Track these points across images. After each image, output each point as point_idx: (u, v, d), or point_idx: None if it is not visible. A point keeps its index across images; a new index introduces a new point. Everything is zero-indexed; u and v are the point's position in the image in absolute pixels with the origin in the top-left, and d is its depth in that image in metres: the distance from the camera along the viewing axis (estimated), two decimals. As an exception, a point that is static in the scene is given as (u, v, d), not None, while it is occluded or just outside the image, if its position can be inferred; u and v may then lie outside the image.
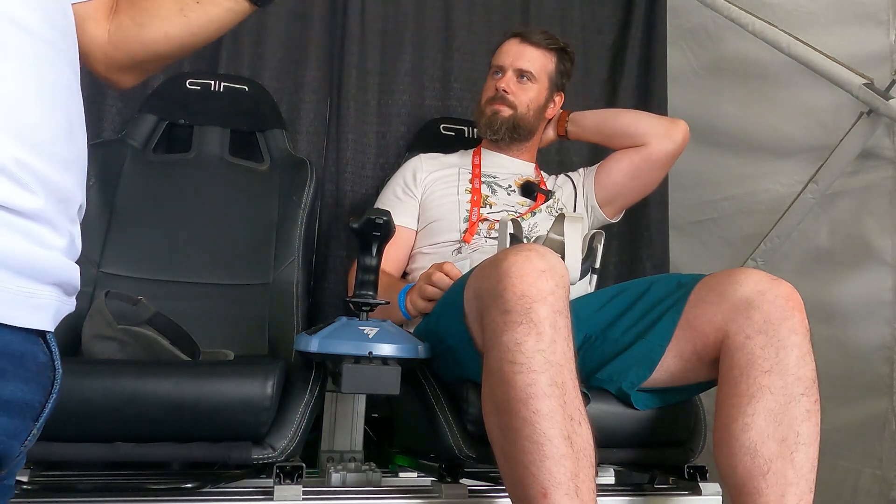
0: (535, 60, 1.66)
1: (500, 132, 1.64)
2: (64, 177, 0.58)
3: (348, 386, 1.00)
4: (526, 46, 1.67)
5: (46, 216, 0.55)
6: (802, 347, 1.03)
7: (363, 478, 1.32)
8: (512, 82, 1.64)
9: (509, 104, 1.64)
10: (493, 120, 1.64)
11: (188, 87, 1.76)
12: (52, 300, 0.57)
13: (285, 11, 1.98)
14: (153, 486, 1.06)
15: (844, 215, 1.84)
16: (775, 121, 1.99)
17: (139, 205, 1.60)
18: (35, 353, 0.57)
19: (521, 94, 1.64)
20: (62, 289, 0.58)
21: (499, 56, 1.69)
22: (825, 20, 1.85)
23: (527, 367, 0.90)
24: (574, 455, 0.87)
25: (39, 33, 0.58)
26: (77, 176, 0.60)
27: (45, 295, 0.56)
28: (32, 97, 0.56)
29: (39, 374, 0.58)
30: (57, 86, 0.60)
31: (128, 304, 1.27)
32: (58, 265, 0.57)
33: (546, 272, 0.95)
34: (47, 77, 0.58)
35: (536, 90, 1.66)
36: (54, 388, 0.59)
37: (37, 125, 0.56)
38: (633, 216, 2.13)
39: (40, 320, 0.56)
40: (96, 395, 0.98)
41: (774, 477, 0.96)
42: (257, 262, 1.60)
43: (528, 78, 1.65)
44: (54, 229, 0.57)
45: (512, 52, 1.67)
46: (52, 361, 0.59)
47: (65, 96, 0.61)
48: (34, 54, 0.57)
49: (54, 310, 0.58)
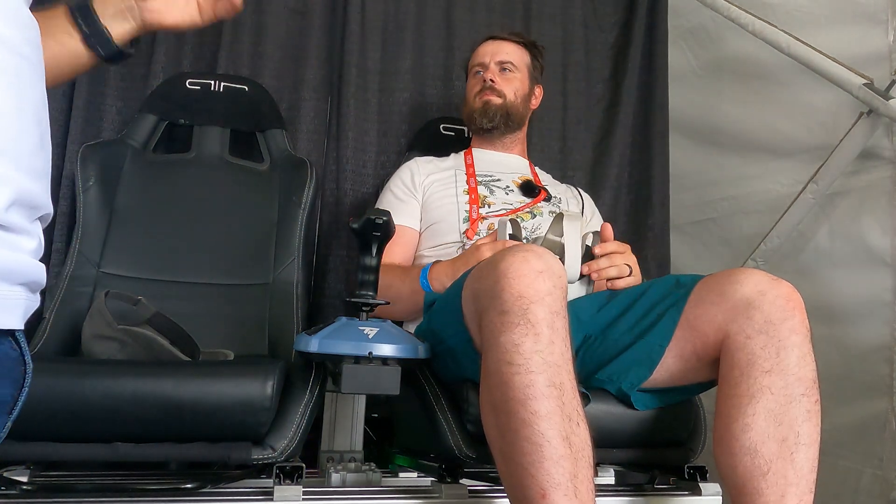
0: (512, 53, 1.73)
1: (495, 119, 1.67)
2: (35, 186, 0.60)
3: (348, 386, 1.00)
4: (501, 42, 1.75)
5: (19, 223, 0.58)
6: (803, 348, 1.02)
7: (363, 478, 1.32)
8: (496, 74, 1.70)
9: (498, 93, 1.68)
10: (487, 109, 1.67)
11: (188, 87, 1.76)
12: (22, 299, 0.59)
13: (285, 9, 1.98)
14: (153, 487, 1.06)
15: (844, 215, 1.84)
16: (775, 121, 1.99)
17: (139, 205, 1.60)
18: (6, 351, 0.59)
19: (506, 83, 1.70)
20: (29, 287, 0.61)
21: (476, 56, 1.75)
22: (825, 20, 1.85)
23: (525, 367, 0.90)
24: (572, 455, 0.87)
25: (18, 49, 0.59)
26: (46, 184, 0.63)
27: (15, 295, 0.58)
28: (13, 112, 0.58)
29: (11, 370, 0.60)
30: (32, 100, 0.61)
31: (128, 304, 1.27)
32: (27, 266, 0.59)
33: (543, 273, 0.95)
34: (24, 92, 0.60)
35: (519, 80, 1.73)
36: (25, 381, 0.62)
37: (15, 139, 0.58)
38: (635, 217, 2.14)
39: (12, 320, 0.58)
40: (96, 395, 0.98)
41: (774, 477, 0.96)
42: (257, 262, 1.60)
43: (510, 69, 1.71)
44: (26, 234, 0.59)
45: (489, 49, 1.74)
46: (23, 356, 0.61)
47: (39, 110, 0.62)
48: (14, 70, 0.59)
49: (24, 308, 0.60)
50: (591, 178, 2.16)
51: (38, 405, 0.94)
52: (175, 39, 1.89)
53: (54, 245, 1.69)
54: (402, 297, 1.40)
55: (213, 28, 1.92)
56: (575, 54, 2.22)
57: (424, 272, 1.40)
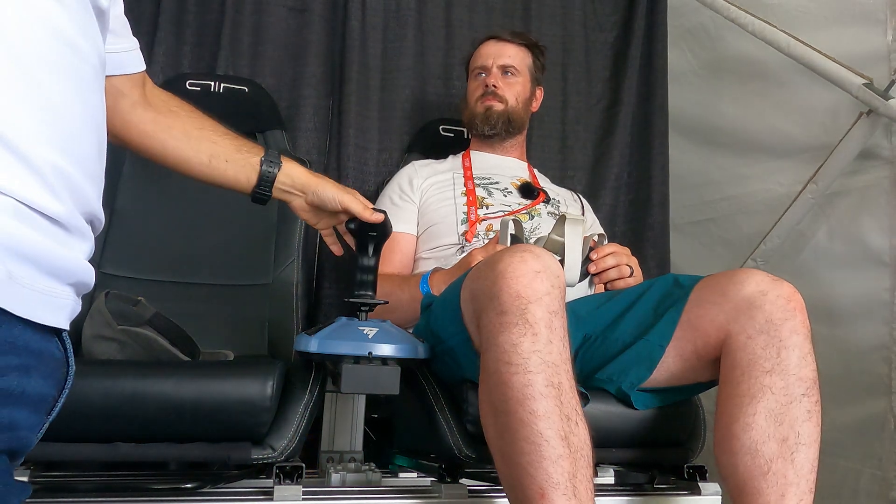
0: (515, 56, 1.72)
1: (496, 126, 1.67)
2: (91, 189, 0.62)
3: (348, 386, 1.00)
4: (504, 44, 1.73)
5: (74, 223, 0.59)
6: (804, 348, 1.02)
7: (363, 478, 1.32)
8: (498, 78, 1.68)
9: (500, 99, 1.68)
10: (489, 115, 1.66)
11: (188, 88, 1.76)
12: (70, 300, 0.61)
13: (285, 8, 1.98)
14: (153, 487, 1.06)
15: (843, 215, 1.84)
16: (775, 121, 2.00)
17: (139, 206, 1.60)
18: (51, 350, 0.60)
19: (508, 88, 1.69)
20: (77, 289, 0.62)
21: (478, 58, 1.74)
22: (824, 20, 1.85)
23: (523, 367, 0.90)
24: (571, 455, 0.87)
25: (88, 58, 0.63)
26: (100, 190, 0.65)
27: (65, 295, 0.60)
28: (79, 115, 0.61)
29: (56, 370, 0.61)
30: (96, 107, 0.64)
31: (128, 305, 1.27)
32: (79, 267, 0.61)
33: (541, 273, 0.95)
34: (90, 98, 0.63)
35: (521, 84, 1.72)
36: (67, 383, 0.63)
37: (78, 140, 0.60)
38: (634, 217, 2.14)
39: (61, 319, 0.59)
40: (96, 395, 0.98)
41: (775, 477, 0.96)
42: (257, 262, 1.60)
43: (512, 73, 1.70)
44: (80, 236, 0.61)
45: (491, 51, 1.72)
46: (67, 358, 0.62)
47: (100, 118, 0.66)
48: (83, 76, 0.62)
49: (70, 309, 0.61)
50: (590, 177, 2.16)
51: (38, 405, 0.95)
52: (175, 40, 1.89)
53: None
54: (402, 305, 1.40)
55: (213, 28, 1.92)
56: (575, 54, 2.22)
57: (425, 278, 1.40)
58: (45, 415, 0.61)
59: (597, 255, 1.32)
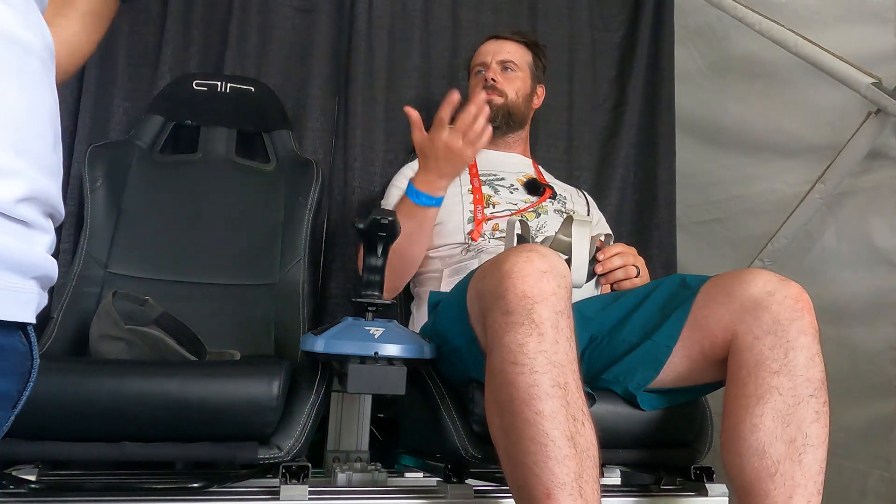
0: (514, 52, 1.74)
1: (496, 119, 1.67)
2: (50, 184, 0.62)
3: (354, 386, 1.00)
4: (503, 42, 1.76)
5: (35, 219, 0.59)
6: (812, 349, 1.02)
7: (369, 478, 1.32)
8: (498, 73, 1.71)
9: (500, 93, 1.69)
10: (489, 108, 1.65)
11: (195, 88, 1.77)
12: (35, 294, 0.61)
13: (291, 8, 1.98)
14: (159, 486, 1.06)
15: (851, 215, 1.83)
16: (782, 120, 1.99)
17: (146, 205, 1.61)
18: (15, 345, 0.60)
19: (507, 83, 1.71)
20: (41, 283, 0.62)
21: (478, 56, 1.76)
22: (832, 19, 1.84)
23: (529, 368, 0.90)
24: (577, 456, 0.87)
25: (35, 51, 0.62)
26: (58, 184, 0.65)
27: (29, 289, 0.60)
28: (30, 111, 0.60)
29: (20, 364, 0.61)
30: (47, 99, 0.64)
31: (135, 305, 1.28)
32: (41, 261, 0.61)
33: (548, 273, 0.95)
34: (41, 92, 0.63)
35: (521, 79, 1.73)
36: (31, 377, 0.63)
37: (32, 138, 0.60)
38: (640, 217, 2.13)
39: (26, 313, 0.60)
40: (103, 394, 0.99)
41: (782, 478, 0.96)
42: (263, 262, 1.60)
43: (511, 68, 1.72)
44: (41, 230, 0.61)
45: (491, 49, 1.75)
46: (31, 351, 0.62)
47: (54, 111, 0.65)
48: (32, 72, 0.61)
49: (36, 303, 0.61)
50: (596, 177, 2.15)
51: (46, 404, 0.96)
52: (182, 39, 1.90)
53: (62, 245, 1.70)
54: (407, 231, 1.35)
55: (220, 28, 1.93)
56: (581, 54, 2.21)
57: (410, 187, 1.41)
58: (11, 409, 0.61)
59: (603, 255, 1.32)
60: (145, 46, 1.88)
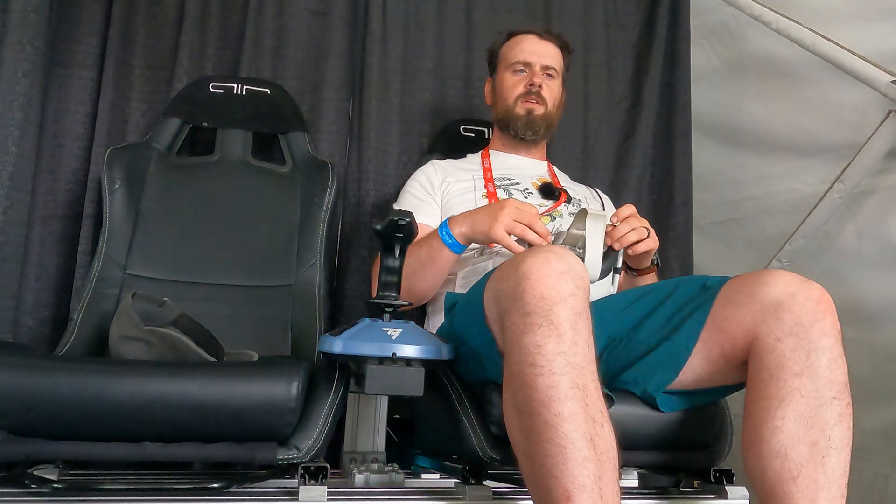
0: (555, 57, 1.68)
1: (539, 132, 1.64)
2: None
3: (372, 387, 1.00)
4: (546, 43, 1.68)
5: None
6: (834, 350, 1.01)
7: (386, 479, 1.32)
8: (543, 80, 1.64)
9: (543, 101, 1.64)
10: (533, 120, 1.63)
11: (211, 91, 1.78)
12: None
13: (307, 11, 1.99)
14: (179, 486, 1.07)
15: (871, 215, 1.82)
16: (800, 119, 1.97)
17: (164, 207, 1.62)
18: None
19: (549, 91, 1.65)
20: None
21: (520, 53, 1.66)
22: (850, 16, 1.82)
23: (547, 369, 0.90)
24: (597, 457, 0.86)
25: None
26: None
27: None
28: None
29: None
30: None
31: (153, 306, 1.29)
32: None
33: (565, 274, 0.94)
34: None
35: (558, 87, 1.69)
36: None
37: None
38: (658, 216, 2.12)
39: None
40: (123, 395, 0.99)
41: (805, 482, 0.95)
42: (280, 263, 1.61)
43: (553, 75, 1.67)
44: None
45: (535, 49, 1.66)
46: None
47: None
48: None
49: None
50: (613, 178, 2.14)
51: (67, 405, 0.97)
52: (198, 42, 1.91)
53: (81, 247, 1.71)
54: (423, 263, 1.37)
55: (236, 31, 1.94)
56: (596, 54, 2.20)
57: (444, 225, 1.37)
58: None
59: (615, 217, 1.31)
60: (162, 49, 1.90)
